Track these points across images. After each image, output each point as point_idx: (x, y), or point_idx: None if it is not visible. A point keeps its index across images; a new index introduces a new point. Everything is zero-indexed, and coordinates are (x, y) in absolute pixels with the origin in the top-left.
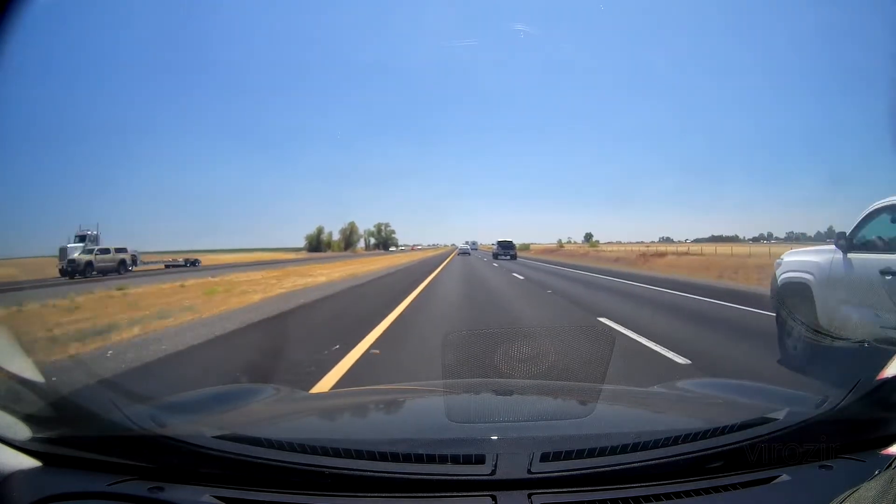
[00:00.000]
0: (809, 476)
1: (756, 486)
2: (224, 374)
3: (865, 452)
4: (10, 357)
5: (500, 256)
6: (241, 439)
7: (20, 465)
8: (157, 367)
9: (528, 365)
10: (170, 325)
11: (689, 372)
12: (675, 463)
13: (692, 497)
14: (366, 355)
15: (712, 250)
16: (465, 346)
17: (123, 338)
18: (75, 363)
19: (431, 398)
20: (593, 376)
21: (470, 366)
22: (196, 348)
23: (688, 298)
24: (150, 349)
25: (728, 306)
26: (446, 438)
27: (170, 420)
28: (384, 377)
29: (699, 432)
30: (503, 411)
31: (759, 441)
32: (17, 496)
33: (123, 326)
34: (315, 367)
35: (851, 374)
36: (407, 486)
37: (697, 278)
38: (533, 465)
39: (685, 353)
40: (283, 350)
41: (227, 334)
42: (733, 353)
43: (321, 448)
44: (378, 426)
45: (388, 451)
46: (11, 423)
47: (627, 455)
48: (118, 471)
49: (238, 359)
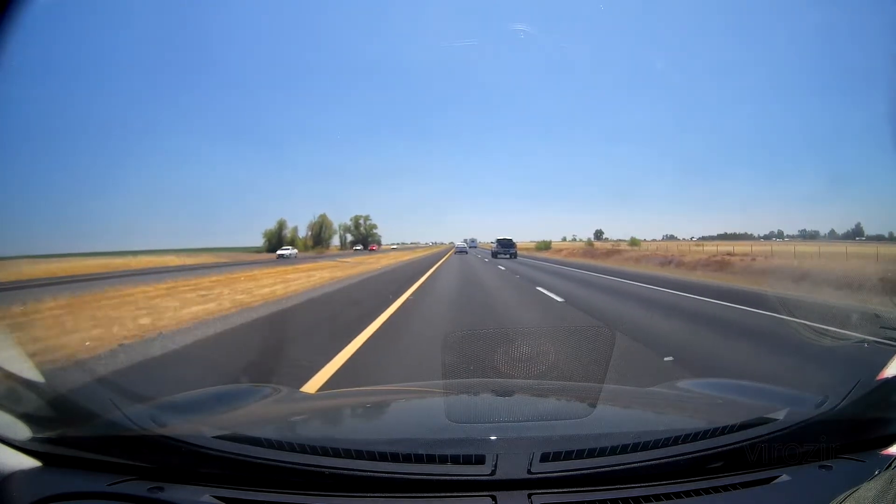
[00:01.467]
0: (809, 476)
1: (756, 486)
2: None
3: (865, 452)
4: (9, 357)
5: (499, 255)
6: (241, 439)
7: (20, 465)
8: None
9: (528, 365)
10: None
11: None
12: (675, 463)
13: (692, 497)
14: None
15: (748, 249)
16: (464, 346)
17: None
18: (74, 363)
19: (431, 398)
20: (593, 376)
21: (470, 367)
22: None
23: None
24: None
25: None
26: (446, 438)
27: (170, 420)
28: None
29: (699, 432)
30: (503, 411)
31: (759, 441)
32: (17, 496)
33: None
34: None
35: (851, 374)
36: (407, 487)
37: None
38: (533, 465)
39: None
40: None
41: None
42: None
43: (321, 448)
44: (378, 426)
45: (388, 452)
46: (11, 423)
47: (627, 455)
48: (118, 471)
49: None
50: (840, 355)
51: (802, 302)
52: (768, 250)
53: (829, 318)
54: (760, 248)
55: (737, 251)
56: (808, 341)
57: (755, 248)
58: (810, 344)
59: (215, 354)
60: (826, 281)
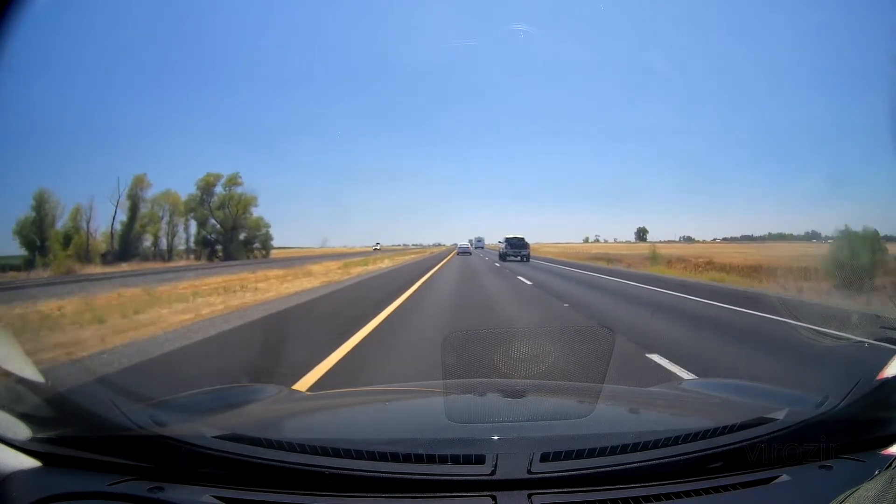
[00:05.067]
0: (809, 476)
1: (756, 486)
2: None
3: (865, 452)
4: (10, 357)
5: (508, 257)
6: (241, 439)
7: (20, 465)
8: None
9: (528, 365)
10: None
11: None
12: (675, 463)
13: (692, 497)
14: None
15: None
16: (464, 346)
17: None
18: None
19: (431, 398)
20: (593, 377)
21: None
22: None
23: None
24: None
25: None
26: (446, 438)
27: (170, 420)
28: None
29: (699, 432)
30: (503, 411)
31: (759, 441)
32: (17, 496)
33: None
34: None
35: (851, 373)
36: (407, 487)
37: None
38: (533, 465)
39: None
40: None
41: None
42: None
43: (321, 448)
44: (378, 426)
45: (388, 452)
46: (11, 423)
47: (627, 455)
48: (118, 471)
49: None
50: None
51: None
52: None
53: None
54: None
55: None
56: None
57: (811, 250)
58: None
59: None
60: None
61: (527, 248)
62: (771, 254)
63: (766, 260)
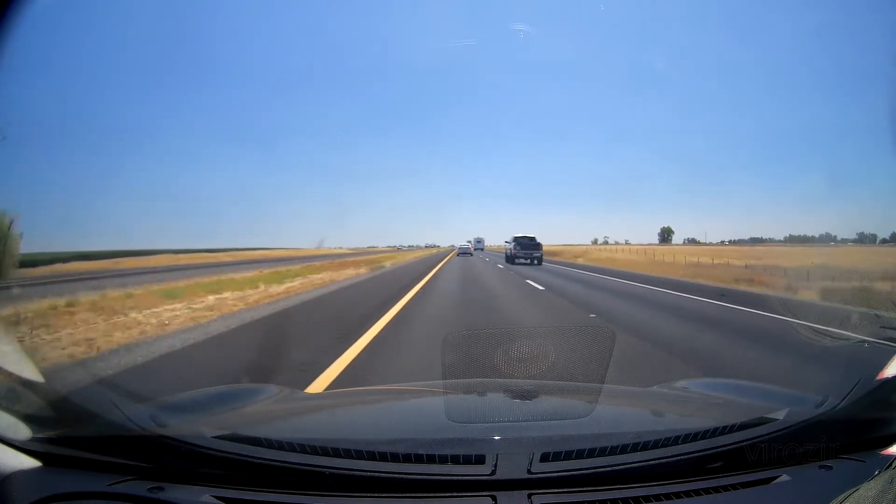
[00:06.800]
0: (809, 476)
1: (756, 486)
2: None
3: (865, 452)
4: (9, 357)
5: (518, 260)
6: (241, 439)
7: (20, 465)
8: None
9: (528, 365)
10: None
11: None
12: (675, 463)
13: (692, 497)
14: None
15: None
16: (464, 346)
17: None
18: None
19: (431, 398)
20: (593, 376)
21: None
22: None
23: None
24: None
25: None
26: (446, 438)
27: (170, 420)
28: None
29: (699, 432)
30: (503, 411)
31: (759, 441)
32: (17, 496)
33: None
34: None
35: (851, 373)
36: (407, 487)
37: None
38: (533, 465)
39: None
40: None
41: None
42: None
43: (321, 448)
44: (378, 426)
45: (388, 452)
46: (11, 423)
47: (628, 455)
48: (118, 471)
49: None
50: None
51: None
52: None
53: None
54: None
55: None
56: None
57: (839, 251)
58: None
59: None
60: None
61: (539, 250)
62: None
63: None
